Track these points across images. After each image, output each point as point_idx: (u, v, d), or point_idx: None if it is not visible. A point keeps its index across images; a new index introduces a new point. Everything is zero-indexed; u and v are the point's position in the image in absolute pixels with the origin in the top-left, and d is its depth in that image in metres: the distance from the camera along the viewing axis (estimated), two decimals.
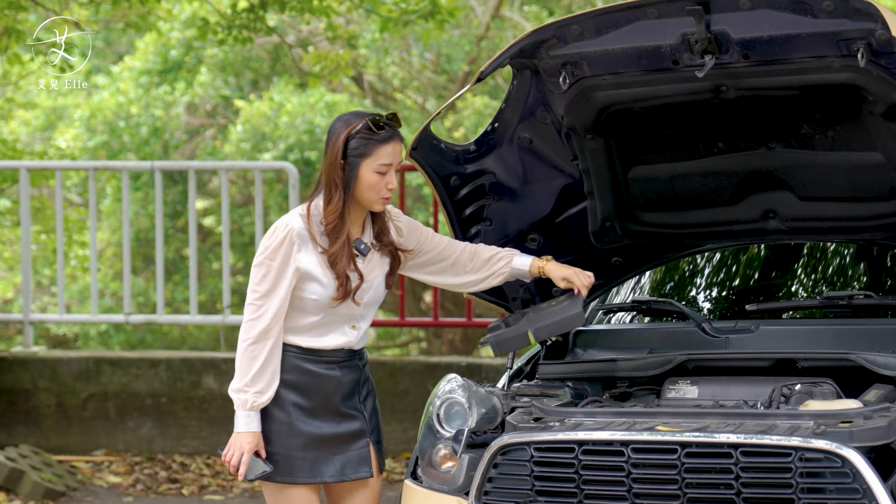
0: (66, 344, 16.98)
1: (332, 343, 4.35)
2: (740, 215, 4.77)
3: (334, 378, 4.35)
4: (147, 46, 16.18)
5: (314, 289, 4.30)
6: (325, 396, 4.34)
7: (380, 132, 4.29)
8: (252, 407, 4.29)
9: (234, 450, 4.30)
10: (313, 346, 4.34)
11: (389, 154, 4.31)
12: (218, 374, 8.71)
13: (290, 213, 4.38)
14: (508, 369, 4.78)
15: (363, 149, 4.29)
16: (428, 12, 9.68)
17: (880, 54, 4.14)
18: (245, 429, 4.29)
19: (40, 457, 8.34)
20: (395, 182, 4.33)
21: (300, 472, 4.33)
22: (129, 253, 9.37)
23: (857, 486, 3.74)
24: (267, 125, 15.20)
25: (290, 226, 4.31)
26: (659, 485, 3.91)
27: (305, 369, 4.33)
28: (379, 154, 4.30)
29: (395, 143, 4.32)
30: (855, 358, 4.31)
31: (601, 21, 4.37)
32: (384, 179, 4.31)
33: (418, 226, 4.53)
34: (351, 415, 4.38)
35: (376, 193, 4.32)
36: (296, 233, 4.30)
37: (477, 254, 4.56)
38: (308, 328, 4.34)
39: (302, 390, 4.32)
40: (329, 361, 4.35)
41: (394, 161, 4.32)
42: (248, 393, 4.29)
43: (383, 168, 4.30)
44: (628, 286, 5.28)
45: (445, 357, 10.93)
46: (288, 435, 4.31)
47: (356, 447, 4.38)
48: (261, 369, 4.29)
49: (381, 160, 4.30)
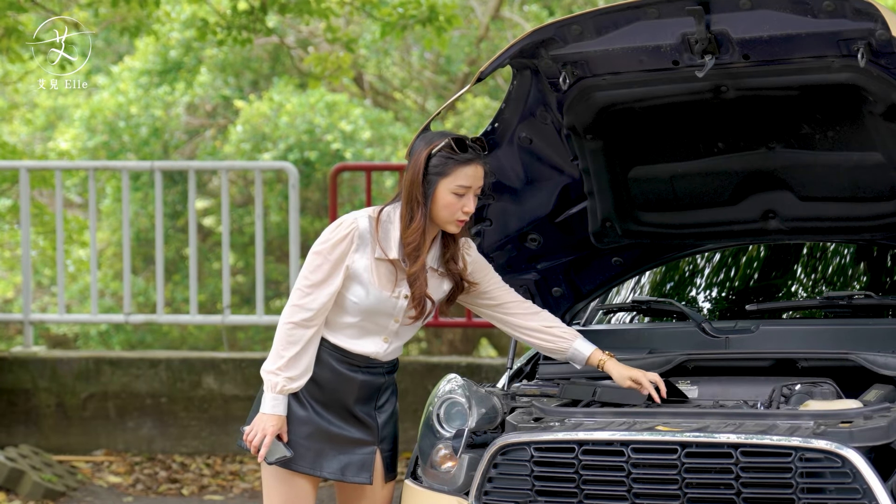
0: (66, 344, 16.99)
1: (362, 349, 4.34)
2: (740, 215, 4.76)
3: (354, 381, 4.34)
4: (147, 47, 16.19)
5: (357, 292, 4.30)
6: (340, 394, 4.34)
7: (461, 153, 4.27)
8: (282, 391, 4.27)
9: (258, 430, 4.28)
10: (344, 346, 4.33)
11: (469, 176, 4.27)
12: (218, 374, 8.71)
13: (360, 211, 4.36)
14: (508, 369, 4.78)
15: (443, 167, 4.26)
16: (426, 18, 9.69)
17: (880, 54, 4.14)
18: (271, 411, 4.28)
19: (40, 457, 8.34)
20: (472, 206, 4.29)
21: (302, 460, 4.33)
22: (129, 253, 9.37)
23: (857, 486, 3.74)
24: (267, 125, 15.20)
25: (356, 224, 4.30)
26: (659, 485, 3.91)
27: (330, 366, 4.32)
28: (458, 175, 4.26)
29: (476, 165, 4.28)
30: (855, 358, 4.31)
31: (601, 21, 4.37)
32: (461, 201, 4.27)
33: (487, 265, 4.51)
34: (362, 419, 4.37)
35: (451, 214, 4.28)
36: (359, 233, 4.29)
37: (538, 313, 4.51)
38: (344, 328, 4.33)
39: (323, 385, 4.32)
40: (354, 364, 4.34)
41: (473, 184, 4.27)
42: (280, 377, 4.27)
43: (461, 189, 4.26)
44: (628, 286, 5.28)
45: (445, 357, 10.93)
46: (298, 422, 4.31)
47: (361, 452, 4.38)
48: (297, 355, 4.27)
49: (459, 181, 4.26)
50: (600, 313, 5.19)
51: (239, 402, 8.61)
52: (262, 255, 9.38)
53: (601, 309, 5.19)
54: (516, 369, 4.83)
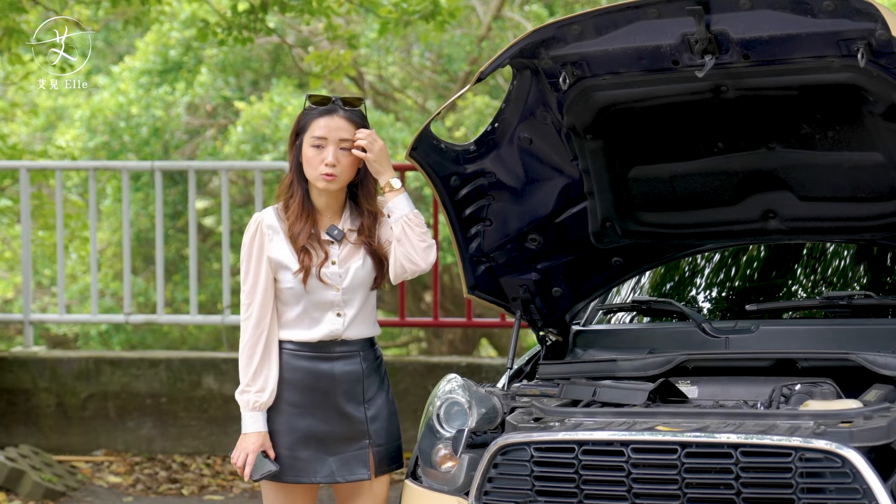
0: (66, 344, 16.98)
1: (321, 333, 4.36)
2: (740, 215, 4.76)
3: (330, 375, 4.35)
4: (147, 46, 16.18)
5: (287, 277, 4.34)
6: (322, 394, 4.34)
7: (316, 107, 4.35)
8: (255, 406, 4.31)
9: (240, 451, 4.34)
10: (304, 338, 4.36)
11: (322, 127, 4.33)
12: (218, 374, 8.72)
13: (265, 208, 4.45)
14: (508, 369, 4.78)
15: (304, 124, 4.38)
16: (428, 13, 9.67)
17: (880, 54, 4.13)
18: (250, 429, 4.33)
19: (40, 457, 8.34)
20: (332, 158, 4.33)
21: (290, 470, 4.33)
22: (129, 253, 9.37)
23: (857, 486, 3.74)
24: (267, 127, 15.20)
25: (260, 218, 4.40)
26: (659, 485, 3.91)
27: (300, 366, 4.34)
28: (313, 127, 4.34)
29: (331, 117, 4.34)
30: (855, 358, 4.31)
31: (601, 21, 4.36)
32: (320, 154, 4.33)
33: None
34: (351, 415, 4.37)
35: (314, 169, 4.34)
36: (266, 224, 4.37)
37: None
38: (295, 321, 4.36)
39: (297, 388, 4.33)
40: (325, 356, 4.35)
41: (328, 135, 4.33)
42: (250, 392, 4.31)
43: (317, 141, 4.33)
44: (628, 286, 5.27)
45: (445, 357, 10.93)
46: (280, 434, 4.33)
47: (354, 448, 4.38)
48: (258, 367, 4.31)
49: (314, 132, 4.33)
50: (600, 313, 5.19)
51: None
52: None
53: (601, 309, 5.19)
54: (516, 369, 4.83)
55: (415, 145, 4.63)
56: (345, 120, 4.35)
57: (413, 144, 4.63)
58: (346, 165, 4.36)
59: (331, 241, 4.38)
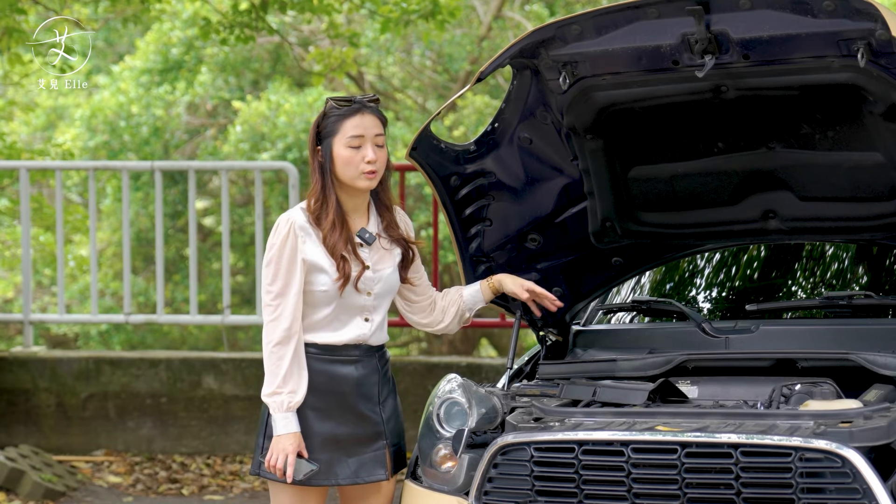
0: (66, 344, 16.98)
1: (348, 337, 4.34)
2: (740, 215, 4.76)
3: (350, 377, 4.34)
4: (147, 46, 16.18)
5: (322, 280, 4.30)
6: (341, 397, 4.33)
7: (343, 107, 4.31)
8: (289, 407, 4.26)
9: (278, 453, 4.26)
10: (330, 342, 4.33)
11: (356, 126, 4.30)
12: (218, 374, 8.71)
13: (292, 208, 4.39)
14: (508, 369, 4.78)
15: (332, 127, 4.32)
16: (429, 12, 9.68)
17: (880, 54, 4.14)
18: (284, 430, 4.26)
19: (40, 457, 8.34)
20: (373, 155, 4.31)
21: (314, 474, 4.32)
22: (129, 253, 9.36)
23: (857, 486, 3.74)
24: (265, 125, 15.20)
25: (291, 219, 4.32)
26: (659, 485, 3.91)
27: (322, 370, 4.32)
28: (346, 128, 4.30)
29: (362, 115, 4.31)
30: (855, 358, 4.31)
31: (601, 21, 4.37)
32: (360, 153, 4.30)
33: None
34: (368, 416, 4.37)
35: (354, 169, 4.31)
36: (298, 226, 4.31)
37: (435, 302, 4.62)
38: (322, 323, 4.33)
39: (317, 391, 4.31)
40: (345, 360, 4.34)
41: (365, 133, 4.31)
42: (283, 394, 4.25)
43: (354, 142, 4.30)
44: (628, 286, 5.27)
45: (445, 357, 10.93)
46: (304, 437, 4.30)
47: (372, 449, 4.38)
48: (289, 368, 4.26)
49: (349, 133, 4.30)
50: (600, 313, 5.19)
51: (239, 402, 8.60)
52: (262, 255, 9.37)
53: (601, 309, 5.19)
54: (516, 369, 4.83)
55: (415, 145, 4.63)
56: (374, 116, 4.34)
57: (413, 144, 4.63)
58: (383, 161, 4.35)
59: (361, 243, 4.37)
